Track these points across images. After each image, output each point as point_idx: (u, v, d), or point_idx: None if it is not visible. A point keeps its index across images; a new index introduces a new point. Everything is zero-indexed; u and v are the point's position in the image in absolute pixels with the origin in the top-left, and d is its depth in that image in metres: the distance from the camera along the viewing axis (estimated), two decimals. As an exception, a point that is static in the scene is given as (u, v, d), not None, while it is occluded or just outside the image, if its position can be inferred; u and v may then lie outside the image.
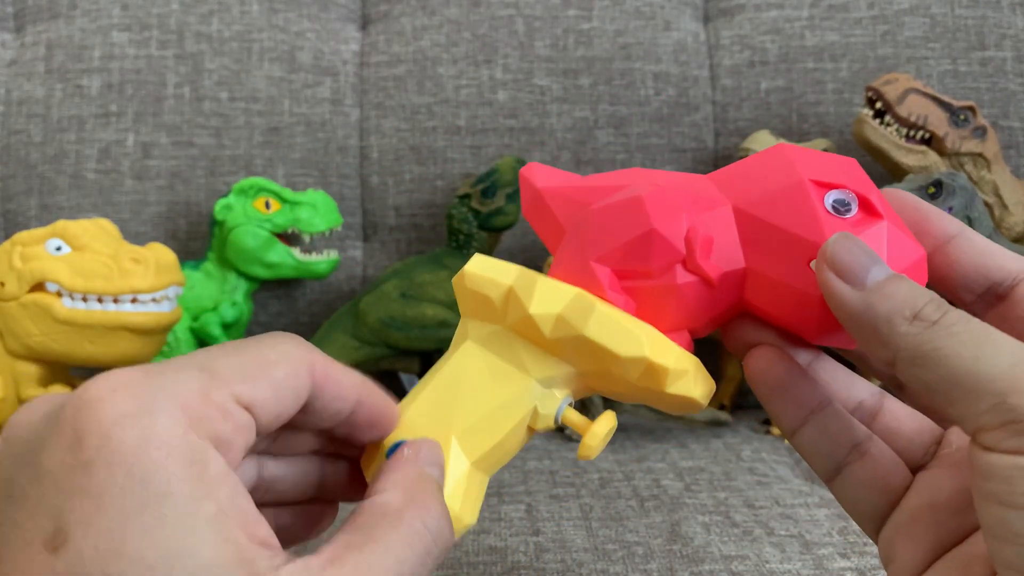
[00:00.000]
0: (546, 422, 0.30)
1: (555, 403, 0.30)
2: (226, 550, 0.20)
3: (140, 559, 0.19)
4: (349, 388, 0.27)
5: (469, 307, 0.30)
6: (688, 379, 0.29)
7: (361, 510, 0.25)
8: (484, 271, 0.30)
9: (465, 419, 0.29)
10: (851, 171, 0.28)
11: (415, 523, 0.24)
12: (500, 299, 0.29)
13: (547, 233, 0.32)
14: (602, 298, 0.28)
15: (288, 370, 0.24)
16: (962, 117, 0.84)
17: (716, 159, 0.98)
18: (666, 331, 0.29)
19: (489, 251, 0.88)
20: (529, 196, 0.33)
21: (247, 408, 0.23)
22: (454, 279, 0.31)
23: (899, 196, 0.29)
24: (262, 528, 0.22)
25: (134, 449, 0.20)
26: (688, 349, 0.30)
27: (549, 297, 0.28)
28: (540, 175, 0.32)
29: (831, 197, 0.27)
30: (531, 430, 0.30)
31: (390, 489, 0.25)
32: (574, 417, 0.30)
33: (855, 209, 0.27)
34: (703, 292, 0.29)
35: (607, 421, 0.30)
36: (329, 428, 0.28)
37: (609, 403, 0.79)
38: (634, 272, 0.29)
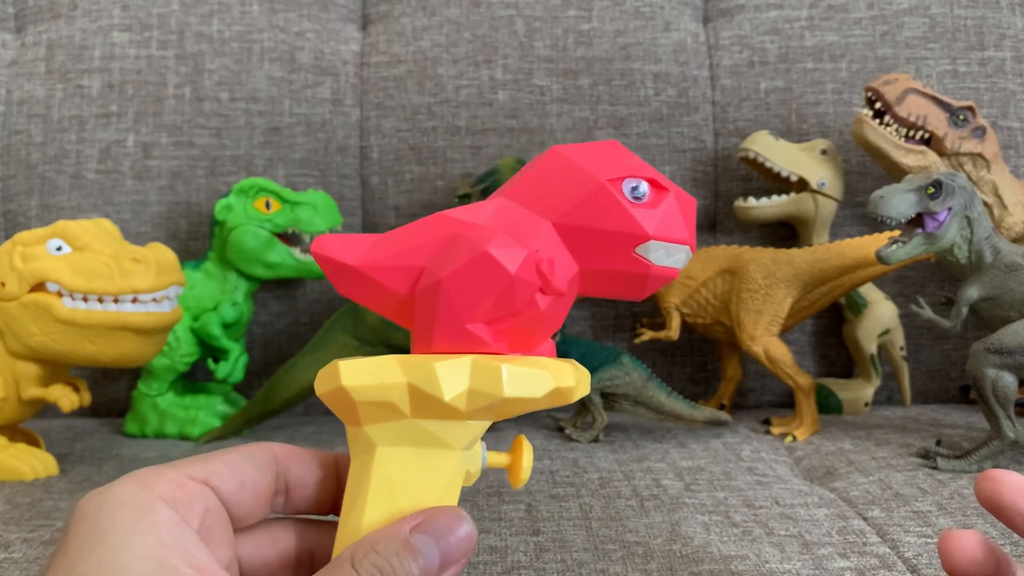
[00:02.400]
0: (476, 475, 0.31)
1: (478, 459, 0.31)
2: (161, 571, 0.23)
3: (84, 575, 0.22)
4: (315, 456, 0.30)
5: (362, 416, 0.29)
6: (582, 385, 0.31)
7: None
8: (365, 380, 0.29)
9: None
10: (623, 157, 0.31)
11: None
12: (402, 399, 0.28)
13: (381, 303, 0.31)
14: (489, 352, 0.30)
15: (243, 451, 0.28)
16: (961, 117, 0.84)
17: (716, 159, 0.98)
18: (537, 347, 0.32)
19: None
20: (337, 273, 0.32)
21: (202, 482, 0.26)
22: (324, 396, 0.29)
23: (1009, 479, 0.30)
24: (206, 563, 0.24)
25: (94, 509, 0.24)
26: (552, 352, 0.33)
27: (454, 377, 0.28)
28: (338, 249, 0.32)
29: (627, 188, 0.30)
30: (466, 485, 0.31)
31: None
32: (496, 459, 0.32)
33: (646, 189, 0.30)
34: (557, 303, 0.31)
35: (526, 451, 0.32)
36: (314, 510, 0.31)
37: (609, 404, 0.79)
38: (503, 316, 0.30)
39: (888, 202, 0.66)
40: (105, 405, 0.93)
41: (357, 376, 0.29)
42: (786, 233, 0.96)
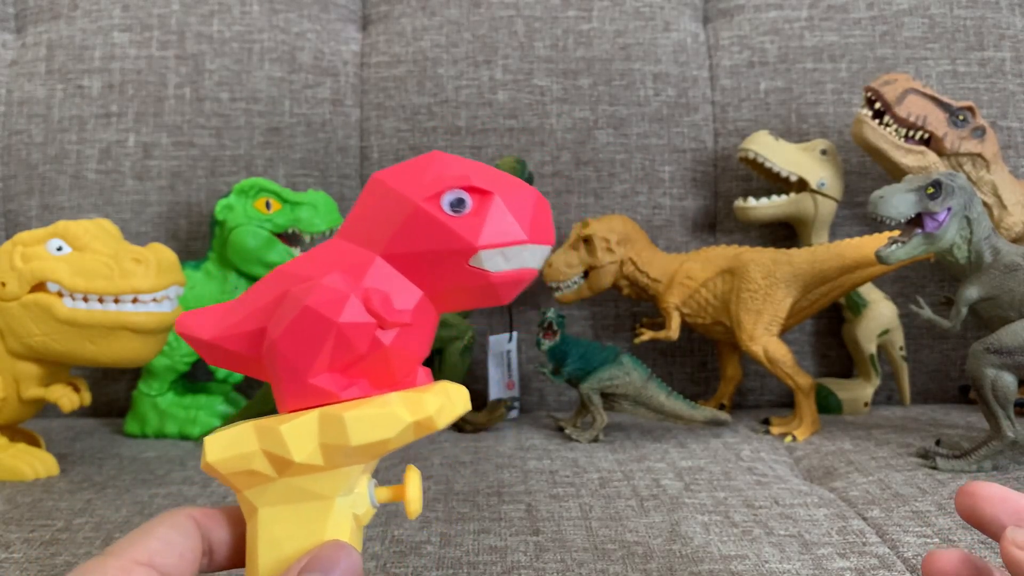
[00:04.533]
0: (369, 514, 0.31)
1: (365, 500, 0.31)
2: None
3: None
4: (228, 515, 0.32)
5: (237, 484, 0.30)
6: (448, 408, 0.30)
7: None
8: (225, 453, 0.30)
9: None
10: (442, 168, 0.30)
11: None
12: (261, 464, 0.29)
13: (248, 369, 0.32)
14: (339, 402, 0.30)
15: (171, 524, 0.30)
16: (961, 117, 0.84)
17: (715, 159, 0.98)
18: (406, 377, 0.31)
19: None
20: (203, 349, 0.32)
21: (147, 564, 0.28)
22: (204, 468, 0.31)
23: (987, 489, 0.30)
24: None
25: None
26: (427, 380, 0.32)
27: (300, 435, 0.29)
28: (195, 325, 0.32)
29: (445, 203, 0.29)
30: (361, 525, 0.31)
31: None
32: (386, 494, 0.32)
33: (468, 200, 0.29)
34: (410, 332, 0.30)
35: (414, 476, 0.32)
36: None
37: (609, 404, 0.79)
38: (347, 361, 0.30)
39: (888, 202, 0.66)
40: (105, 405, 0.93)
41: (219, 450, 0.30)
42: (786, 233, 0.96)
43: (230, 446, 0.30)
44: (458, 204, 0.29)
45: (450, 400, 0.30)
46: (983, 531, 0.30)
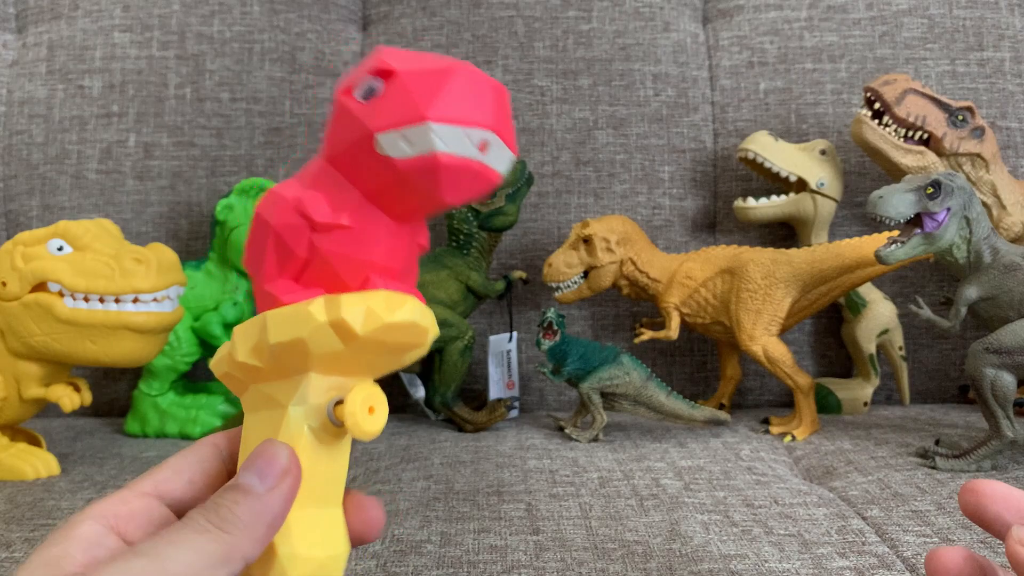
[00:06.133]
0: (328, 429, 0.30)
1: (321, 411, 0.30)
2: (47, 571, 0.26)
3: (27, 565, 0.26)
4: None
5: (231, 388, 0.32)
6: (376, 313, 0.28)
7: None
8: (216, 356, 0.32)
9: None
10: (372, 58, 0.28)
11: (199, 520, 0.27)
12: (229, 365, 0.30)
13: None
14: (283, 304, 0.30)
15: (187, 451, 0.31)
16: (960, 117, 0.84)
17: (715, 159, 0.98)
18: (360, 286, 0.30)
19: (489, 251, 0.89)
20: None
21: (152, 493, 0.30)
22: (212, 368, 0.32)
23: (990, 486, 0.30)
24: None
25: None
26: (398, 287, 0.31)
27: (243, 335, 0.30)
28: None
29: (359, 92, 0.28)
30: (327, 438, 0.30)
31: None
32: (342, 409, 0.30)
33: (376, 84, 0.27)
34: (357, 237, 0.29)
35: (361, 389, 0.29)
36: None
37: (609, 404, 0.79)
38: (297, 266, 0.30)
39: (887, 202, 0.66)
40: (106, 405, 0.94)
41: (216, 357, 0.31)
42: (785, 233, 0.96)
43: (219, 352, 0.31)
44: (369, 92, 0.27)
45: (383, 305, 0.29)
46: (986, 529, 0.30)
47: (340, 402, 0.29)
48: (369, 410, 0.29)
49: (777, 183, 0.91)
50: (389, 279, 0.30)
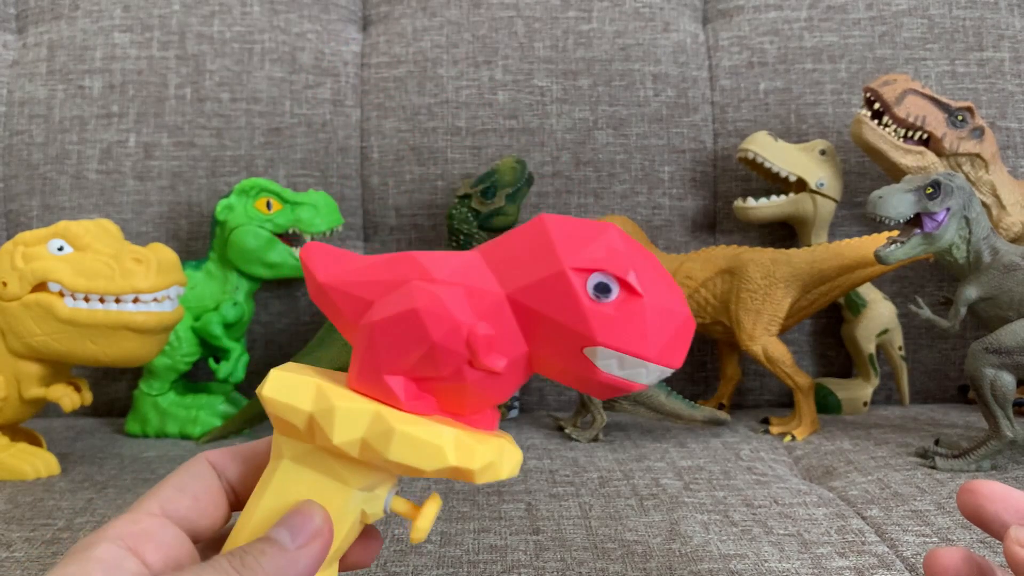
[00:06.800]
0: (376, 516, 0.31)
1: (380, 502, 0.31)
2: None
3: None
4: (239, 452, 0.33)
5: (277, 426, 0.30)
6: (494, 469, 0.29)
7: None
8: (281, 396, 0.29)
9: None
10: (611, 243, 0.28)
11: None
12: (304, 425, 0.29)
13: (340, 323, 0.32)
14: (400, 409, 0.29)
15: (183, 469, 0.32)
16: (960, 118, 0.84)
17: (715, 159, 0.98)
18: (471, 415, 0.30)
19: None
20: (313, 287, 0.32)
21: (159, 513, 0.30)
22: (259, 395, 0.30)
23: (988, 487, 0.30)
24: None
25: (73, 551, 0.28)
26: (492, 424, 0.31)
27: (349, 423, 0.28)
28: (319, 264, 0.32)
29: (592, 283, 0.27)
30: (368, 519, 0.31)
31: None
32: (402, 507, 0.31)
33: (615, 291, 0.27)
34: (495, 380, 0.29)
35: (433, 506, 0.31)
36: None
37: (609, 404, 0.79)
38: (426, 376, 0.29)
39: (887, 202, 0.66)
40: (106, 405, 0.94)
41: (277, 390, 0.29)
42: (785, 233, 0.96)
43: (288, 393, 0.29)
44: (603, 290, 0.27)
45: (500, 460, 0.29)
46: (985, 529, 0.30)
47: (397, 493, 0.31)
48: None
49: (777, 183, 0.91)
50: (489, 410, 0.31)
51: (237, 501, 0.33)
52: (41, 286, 0.65)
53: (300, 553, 0.28)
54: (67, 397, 0.67)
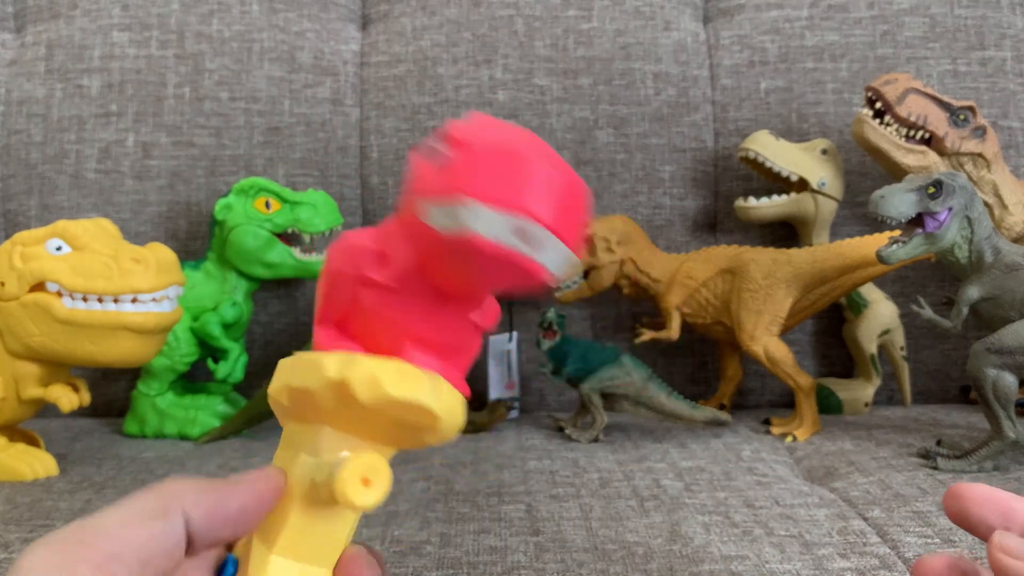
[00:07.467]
0: (329, 488, 0.27)
1: (328, 469, 0.28)
2: None
3: None
4: (216, 487, 0.29)
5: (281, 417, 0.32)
6: (381, 384, 0.27)
7: None
8: (275, 383, 0.30)
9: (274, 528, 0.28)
10: (451, 123, 0.27)
11: None
12: (283, 397, 0.30)
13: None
14: (318, 349, 0.30)
15: (143, 502, 0.27)
16: (962, 117, 0.84)
17: (716, 159, 0.98)
18: (391, 351, 0.29)
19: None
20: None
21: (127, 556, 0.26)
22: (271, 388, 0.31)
23: (977, 489, 0.30)
24: None
25: None
26: (431, 365, 0.29)
27: (279, 370, 0.30)
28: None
29: (426, 153, 0.27)
30: (328, 496, 0.27)
31: None
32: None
33: (443, 150, 0.26)
34: (398, 302, 0.28)
35: (353, 459, 0.27)
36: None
37: (609, 405, 0.79)
38: (341, 315, 0.29)
39: (888, 202, 0.66)
40: (105, 405, 0.93)
41: (275, 382, 0.30)
42: (786, 233, 0.96)
43: (276, 378, 0.30)
44: (434, 155, 0.26)
45: (393, 378, 0.27)
46: (972, 532, 0.30)
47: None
48: (364, 481, 0.27)
49: (778, 183, 0.91)
50: (426, 352, 0.29)
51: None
52: (39, 286, 0.65)
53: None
54: (65, 397, 0.67)
